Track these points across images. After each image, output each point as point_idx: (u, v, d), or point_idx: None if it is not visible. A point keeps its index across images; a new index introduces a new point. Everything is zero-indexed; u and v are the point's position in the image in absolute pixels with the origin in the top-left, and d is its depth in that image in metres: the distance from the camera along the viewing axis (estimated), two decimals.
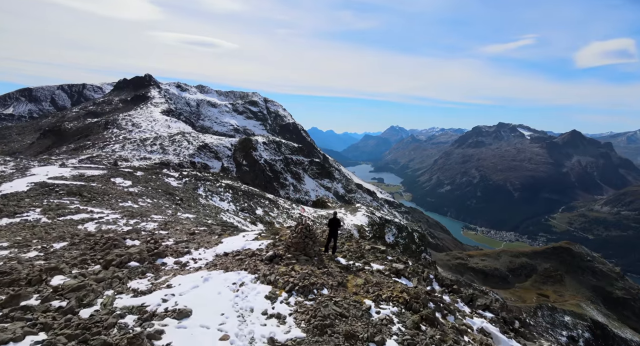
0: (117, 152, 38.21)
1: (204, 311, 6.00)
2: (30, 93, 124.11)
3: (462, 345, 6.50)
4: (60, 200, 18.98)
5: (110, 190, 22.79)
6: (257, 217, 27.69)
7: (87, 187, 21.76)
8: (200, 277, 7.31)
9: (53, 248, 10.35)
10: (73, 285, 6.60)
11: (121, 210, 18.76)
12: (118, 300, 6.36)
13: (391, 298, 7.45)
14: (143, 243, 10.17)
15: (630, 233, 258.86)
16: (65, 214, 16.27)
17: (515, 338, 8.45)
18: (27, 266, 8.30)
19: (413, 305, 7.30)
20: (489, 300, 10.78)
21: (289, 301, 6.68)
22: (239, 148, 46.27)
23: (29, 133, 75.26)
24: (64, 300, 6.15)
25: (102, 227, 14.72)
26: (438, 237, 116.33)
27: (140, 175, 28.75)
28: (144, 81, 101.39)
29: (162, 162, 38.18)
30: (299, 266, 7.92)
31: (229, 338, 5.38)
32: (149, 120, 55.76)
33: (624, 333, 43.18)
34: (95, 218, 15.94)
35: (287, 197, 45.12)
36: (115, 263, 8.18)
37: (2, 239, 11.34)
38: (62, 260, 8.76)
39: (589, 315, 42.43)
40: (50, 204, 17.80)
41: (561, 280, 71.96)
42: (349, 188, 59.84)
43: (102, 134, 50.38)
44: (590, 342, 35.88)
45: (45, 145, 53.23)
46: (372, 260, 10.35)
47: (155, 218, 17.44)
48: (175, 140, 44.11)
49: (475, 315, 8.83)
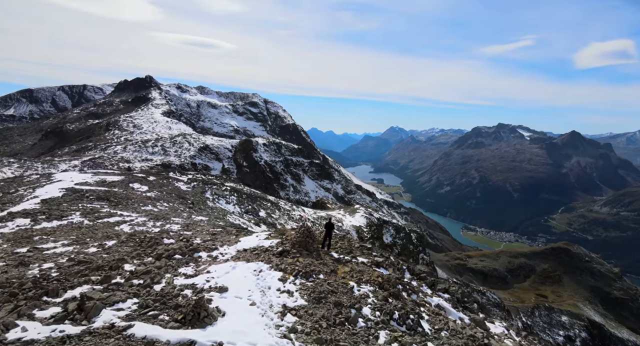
0: (119, 153, 38.60)
1: (236, 288, 8.24)
2: (31, 94, 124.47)
3: (416, 311, 9.09)
4: (92, 204, 20.84)
5: (131, 195, 24.62)
6: (260, 218, 29.40)
7: (112, 192, 23.79)
8: (229, 266, 9.66)
9: (107, 245, 12.41)
10: (143, 270, 9.10)
11: (145, 213, 20.40)
12: (175, 280, 8.59)
13: (369, 281, 9.99)
14: (178, 242, 12.39)
15: (629, 234, 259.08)
16: (102, 217, 17.99)
17: (464, 311, 11.18)
18: (98, 258, 10.38)
19: (385, 286, 9.79)
20: (448, 285, 13.59)
21: (295, 282, 8.96)
22: (240, 150, 46.70)
23: (31, 134, 75.60)
24: (140, 280, 8.48)
25: (135, 228, 16.31)
26: (437, 238, 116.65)
27: (153, 180, 30.36)
28: (144, 82, 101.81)
29: (163, 164, 38.59)
30: (302, 259, 10.36)
31: (256, 304, 7.68)
32: (150, 121, 56.11)
33: (620, 333, 43.53)
34: (127, 221, 17.60)
35: (287, 198, 45.53)
36: (164, 256, 10.44)
37: (61, 238, 13.27)
38: (122, 254, 10.90)
39: (586, 315, 42.80)
40: (85, 208, 19.58)
41: (559, 281, 72.35)
42: (348, 189, 60.28)
43: (103, 136, 50.75)
44: (587, 342, 36.24)
45: (47, 146, 53.61)
46: (358, 254, 12.91)
47: (175, 220, 19.11)
48: (177, 141, 44.56)
49: (434, 295, 11.63)
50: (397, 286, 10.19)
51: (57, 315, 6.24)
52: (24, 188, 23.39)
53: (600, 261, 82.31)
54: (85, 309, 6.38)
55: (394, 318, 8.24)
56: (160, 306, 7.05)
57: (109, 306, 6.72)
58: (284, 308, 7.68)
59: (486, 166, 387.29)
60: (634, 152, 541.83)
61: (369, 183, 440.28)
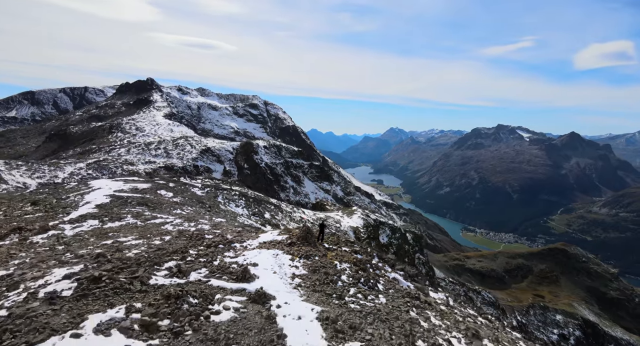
0: (122, 156, 39.27)
1: (263, 264, 12.33)
2: (32, 96, 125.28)
3: (376, 279, 13.48)
4: (136, 209, 23.87)
5: (162, 201, 27.77)
6: (265, 220, 32.52)
7: (146, 199, 26.96)
8: (256, 252, 13.89)
9: (166, 239, 15.63)
10: (202, 254, 13.13)
11: (178, 216, 23.50)
12: (224, 260, 12.60)
13: (347, 261, 14.29)
14: (216, 237, 16.14)
15: (628, 235, 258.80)
16: (148, 219, 21.06)
17: (412, 282, 15.68)
18: (167, 247, 13.72)
19: (357, 264, 14.11)
20: (404, 266, 18.08)
21: (299, 261, 13.23)
22: (241, 152, 47.45)
23: (34, 136, 76.32)
24: (203, 259, 12.51)
25: (177, 227, 19.21)
26: (436, 239, 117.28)
27: (174, 187, 33.14)
28: (146, 85, 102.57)
29: (166, 166, 39.33)
30: (304, 247, 14.77)
31: (276, 273, 11.77)
32: (152, 124, 56.84)
33: (614, 332, 44.18)
34: (168, 222, 20.69)
35: (288, 199, 46.24)
36: (212, 246, 14.40)
37: (128, 234, 16.71)
38: (181, 245, 14.28)
39: (581, 314, 43.52)
40: (132, 212, 22.57)
41: (557, 281, 73.00)
42: (347, 190, 61.07)
43: (107, 138, 51.45)
44: (581, 340, 36.97)
45: (51, 148, 54.32)
46: (343, 246, 17.54)
47: (203, 221, 22.23)
48: (179, 144, 45.34)
49: (393, 272, 16.12)
50: (366, 264, 14.67)
51: (167, 274, 10.37)
52: (73, 195, 26.23)
53: (597, 261, 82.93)
54: (182, 271, 10.64)
55: (360, 281, 12.61)
56: (220, 272, 11.22)
57: (193, 271, 10.92)
58: (293, 275, 11.96)
59: (485, 167, 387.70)
60: (633, 153, 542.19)
61: (369, 184, 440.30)
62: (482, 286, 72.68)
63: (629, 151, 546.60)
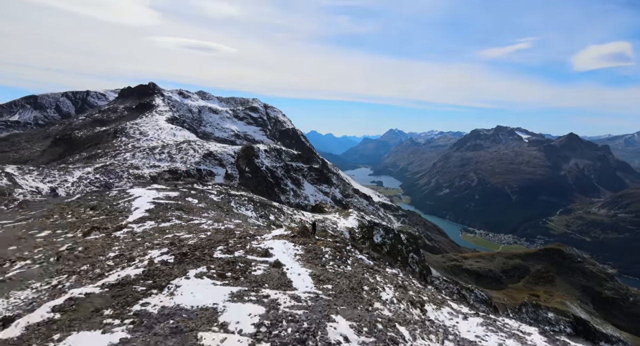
0: (128, 160, 40.49)
1: (276, 248, 17.46)
2: (35, 100, 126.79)
3: (346, 258, 18.65)
4: (176, 213, 28.24)
5: (192, 206, 32.28)
6: (270, 221, 37.13)
7: (180, 205, 31.52)
8: (271, 242, 18.85)
9: (208, 234, 20.17)
10: (237, 242, 18.22)
11: (207, 218, 27.81)
12: (252, 245, 17.55)
13: (330, 247, 19.29)
14: (242, 232, 20.89)
15: (627, 236, 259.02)
16: (187, 220, 25.50)
17: (374, 262, 20.31)
18: (213, 238, 18.62)
19: (335, 248, 19.39)
20: (369, 251, 22.47)
21: (298, 247, 18.32)
22: (242, 156, 48.60)
23: (38, 140, 77.63)
24: (239, 244, 17.73)
25: (210, 226, 23.59)
26: (435, 240, 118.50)
27: (196, 194, 37.81)
28: (147, 89, 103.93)
29: (170, 170, 40.58)
30: (302, 239, 19.93)
31: (285, 253, 17.06)
32: (155, 128, 58.06)
33: (605, 329, 45.39)
34: (202, 223, 25.11)
35: (288, 201, 47.51)
36: (241, 238, 19.40)
37: (179, 232, 20.90)
38: (222, 237, 19.15)
39: (572, 312, 44.76)
40: (174, 215, 27.13)
41: (552, 281, 74.22)
42: (346, 193, 62.49)
43: (111, 142, 52.67)
44: (571, 336, 38.25)
45: (56, 153, 55.55)
46: (328, 237, 22.79)
47: (227, 222, 26.51)
48: (182, 148, 46.55)
49: (361, 254, 20.68)
50: (342, 249, 20.04)
51: (221, 252, 15.99)
52: (122, 202, 31.03)
53: (593, 262, 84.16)
54: (230, 251, 16.24)
55: (336, 258, 17.88)
56: (251, 252, 16.43)
57: (235, 251, 16.31)
58: (295, 254, 17.30)
59: (485, 168, 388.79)
60: (632, 153, 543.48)
61: (368, 186, 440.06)
62: (479, 286, 73.93)
63: (628, 152, 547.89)
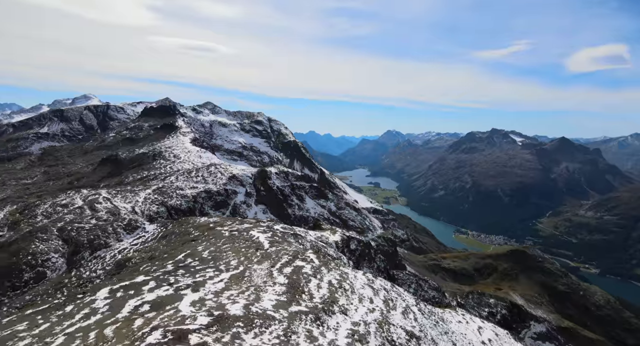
0: (174, 183, 52.82)
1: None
2: (62, 113, 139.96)
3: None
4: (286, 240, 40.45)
5: (285, 236, 44.61)
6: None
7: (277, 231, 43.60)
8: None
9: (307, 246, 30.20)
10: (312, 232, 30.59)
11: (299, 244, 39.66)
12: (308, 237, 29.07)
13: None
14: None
15: (611, 237, 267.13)
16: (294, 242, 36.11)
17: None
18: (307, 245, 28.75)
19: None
20: (330, 235, 30.86)
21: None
22: (258, 178, 60.88)
23: (78, 155, 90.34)
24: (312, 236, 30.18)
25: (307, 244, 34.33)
26: (422, 241, 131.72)
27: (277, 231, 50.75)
28: (168, 109, 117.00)
29: (205, 190, 53.34)
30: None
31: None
32: (184, 151, 70.64)
33: (535, 312, 58.17)
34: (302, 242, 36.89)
35: (294, 214, 60.62)
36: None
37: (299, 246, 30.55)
38: (309, 246, 28.54)
39: (510, 299, 57.31)
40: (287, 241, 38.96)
41: (516, 278, 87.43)
42: (339, 206, 75.67)
43: (152, 164, 65.03)
44: (506, 317, 50.78)
45: (105, 171, 68.09)
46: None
47: (296, 243, 38.09)
48: (212, 171, 58.97)
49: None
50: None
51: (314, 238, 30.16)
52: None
53: (551, 261, 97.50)
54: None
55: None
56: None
57: (308, 236, 29.42)
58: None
59: (479, 171, 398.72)
60: (625, 156, 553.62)
61: (366, 187, 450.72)
62: (455, 282, 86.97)
63: (621, 154, 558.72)
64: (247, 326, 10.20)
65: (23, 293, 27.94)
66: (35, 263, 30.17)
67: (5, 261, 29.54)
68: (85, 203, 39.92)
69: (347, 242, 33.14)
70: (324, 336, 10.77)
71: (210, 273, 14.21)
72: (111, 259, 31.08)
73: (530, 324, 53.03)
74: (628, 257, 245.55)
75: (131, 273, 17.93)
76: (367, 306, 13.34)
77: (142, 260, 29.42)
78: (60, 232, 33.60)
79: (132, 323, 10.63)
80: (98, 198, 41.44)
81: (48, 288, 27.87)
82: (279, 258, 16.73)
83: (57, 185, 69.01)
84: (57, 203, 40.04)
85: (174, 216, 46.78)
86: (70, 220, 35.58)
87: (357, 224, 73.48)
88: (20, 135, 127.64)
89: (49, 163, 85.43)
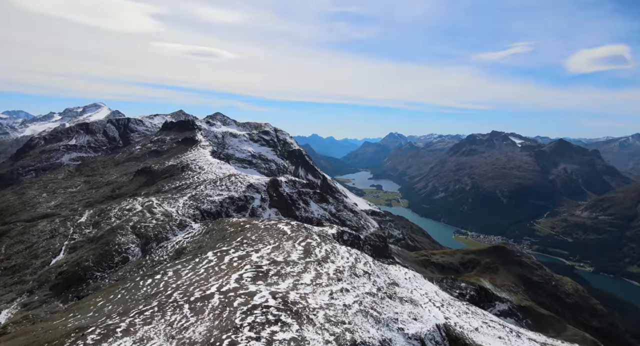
0: (204, 191, 65.41)
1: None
2: (87, 126, 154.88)
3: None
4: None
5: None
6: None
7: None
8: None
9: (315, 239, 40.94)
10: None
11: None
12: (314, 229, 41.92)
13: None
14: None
15: (605, 237, 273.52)
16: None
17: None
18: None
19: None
20: (329, 229, 42.48)
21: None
22: (270, 185, 73.21)
23: (110, 166, 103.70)
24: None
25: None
26: (417, 240, 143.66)
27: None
28: (187, 124, 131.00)
29: (230, 197, 66.05)
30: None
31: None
32: (207, 163, 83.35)
33: (500, 294, 69.98)
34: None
35: (300, 215, 73.11)
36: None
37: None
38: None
39: (479, 284, 69.01)
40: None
41: (497, 271, 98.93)
42: (338, 208, 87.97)
43: (181, 175, 77.93)
44: (474, 297, 62.52)
45: (142, 181, 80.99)
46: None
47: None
48: (232, 181, 71.46)
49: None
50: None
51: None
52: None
53: (529, 256, 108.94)
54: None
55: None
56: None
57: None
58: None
59: (478, 173, 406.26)
60: (626, 156, 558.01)
61: (368, 189, 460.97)
62: (441, 275, 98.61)
63: (622, 154, 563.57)
64: (287, 265, 22.88)
65: (116, 270, 40.59)
66: (120, 251, 42.94)
67: (102, 249, 42.29)
68: (144, 208, 52.72)
69: (341, 234, 45.49)
70: (323, 270, 23.41)
71: (261, 246, 27.02)
72: (171, 248, 43.72)
73: (495, 303, 64.80)
74: (621, 255, 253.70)
75: (223, 243, 31.74)
76: (345, 260, 25.81)
77: (194, 249, 41.97)
78: (133, 229, 46.34)
79: (232, 263, 23.49)
80: (152, 204, 54.27)
81: (132, 268, 40.40)
82: (297, 238, 29.39)
83: (99, 193, 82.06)
84: (123, 208, 52.87)
85: (206, 218, 59.49)
86: (137, 220, 48.36)
87: (353, 224, 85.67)
88: (52, 147, 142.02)
89: (87, 174, 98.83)
